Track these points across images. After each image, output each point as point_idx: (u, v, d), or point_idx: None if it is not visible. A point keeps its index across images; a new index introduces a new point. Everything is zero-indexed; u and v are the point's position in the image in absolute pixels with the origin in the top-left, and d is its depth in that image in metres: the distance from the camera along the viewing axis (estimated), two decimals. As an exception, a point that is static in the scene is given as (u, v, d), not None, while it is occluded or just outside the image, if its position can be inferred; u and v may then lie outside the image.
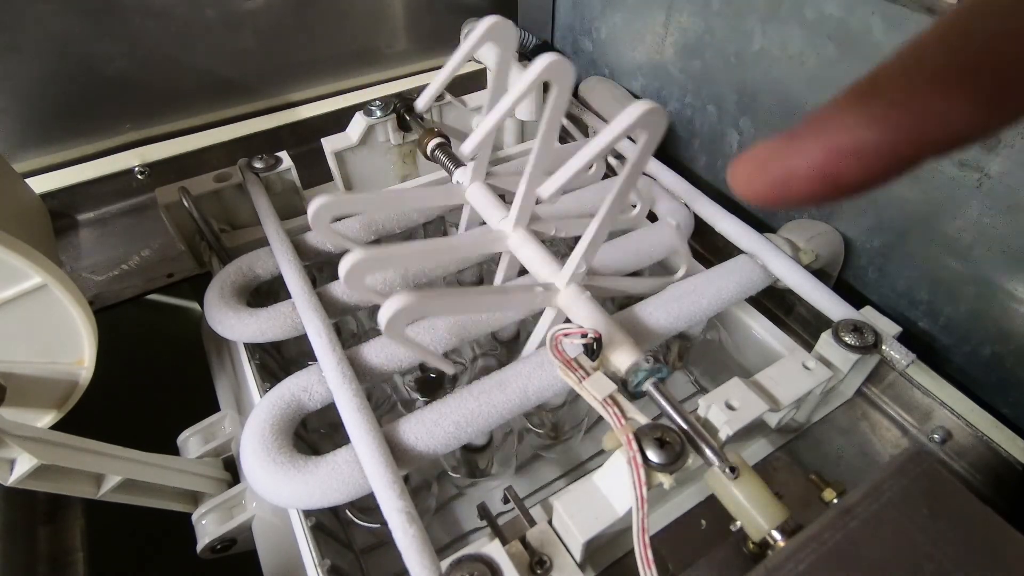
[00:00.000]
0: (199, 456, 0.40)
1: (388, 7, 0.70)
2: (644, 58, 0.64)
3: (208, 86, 0.64)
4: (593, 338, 0.32)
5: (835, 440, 0.41)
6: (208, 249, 0.47)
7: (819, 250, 0.47)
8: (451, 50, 0.37)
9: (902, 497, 0.26)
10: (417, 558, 0.27)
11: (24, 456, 0.30)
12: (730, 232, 0.47)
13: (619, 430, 0.29)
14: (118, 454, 0.34)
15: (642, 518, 0.27)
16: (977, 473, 0.39)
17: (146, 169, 0.61)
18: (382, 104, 0.53)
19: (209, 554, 0.37)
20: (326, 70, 0.70)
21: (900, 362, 0.39)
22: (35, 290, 0.32)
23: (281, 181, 0.50)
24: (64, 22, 0.54)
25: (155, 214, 0.59)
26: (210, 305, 0.41)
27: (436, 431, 0.33)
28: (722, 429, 0.33)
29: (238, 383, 0.44)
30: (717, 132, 0.58)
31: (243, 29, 0.63)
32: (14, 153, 0.58)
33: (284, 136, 0.67)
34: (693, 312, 0.40)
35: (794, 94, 0.49)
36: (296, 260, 0.42)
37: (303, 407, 0.35)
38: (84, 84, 0.58)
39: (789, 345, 0.43)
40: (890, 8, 0.40)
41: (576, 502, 0.30)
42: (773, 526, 0.27)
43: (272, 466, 0.32)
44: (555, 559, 0.29)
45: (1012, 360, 0.42)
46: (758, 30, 0.50)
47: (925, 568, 0.24)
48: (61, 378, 0.36)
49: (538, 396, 0.35)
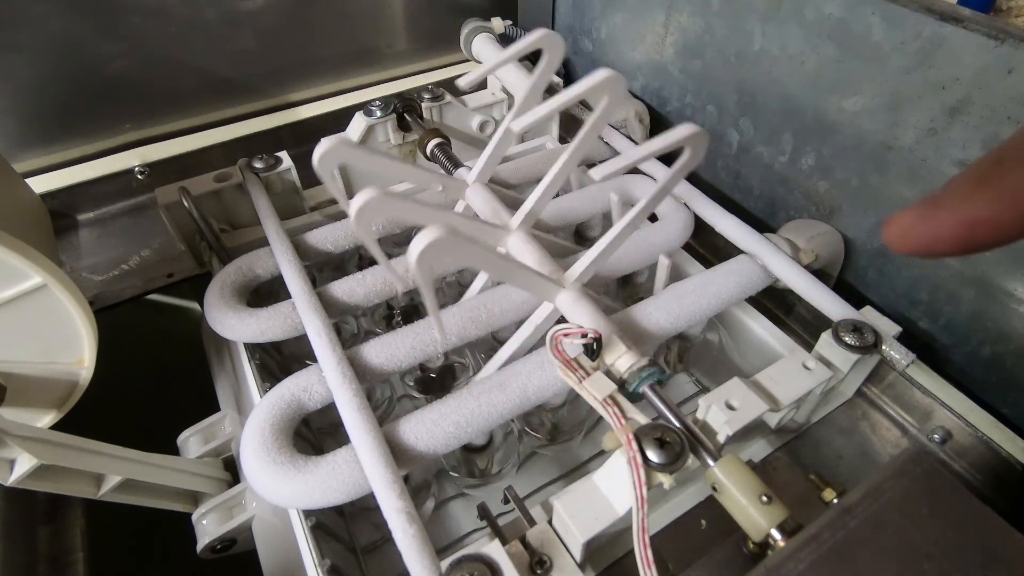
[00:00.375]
0: (199, 456, 0.40)
1: (388, 7, 0.70)
2: (644, 58, 0.64)
3: (208, 86, 0.64)
4: (593, 338, 0.32)
5: (835, 440, 0.41)
6: (208, 249, 0.47)
7: (819, 250, 0.47)
8: (451, 50, 0.37)
9: (902, 497, 0.26)
10: (417, 558, 0.27)
11: (24, 456, 0.30)
12: (730, 232, 0.47)
13: (619, 430, 0.29)
14: (118, 454, 0.34)
15: (642, 518, 0.27)
16: (977, 473, 0.39)
17: (146, 169, 0.61)
18: (382, 104, 0.53)
19: (209, 554, 0.37)
20: (326, 70, 0.70)
21: (900, 362, 0.38)
22: (35, 290, 0.32)
23: (281, 181, 0.50)
24: (64, 22, 0.54)
25: (155, 214, 0.59)
26: (210, 305, 0.41)
27: (436, 431, 0.33)
28: (722, 429, 0.33)
29: (238, 383, 0.44)
30: (717, 132, 0.58)
31: (243, 29, 0.63)
32: (14, 153, 0.58)
33: (284, 136, 0.67)
34: (693, 312, 0.40)
35: (794, 94, 0.49)
36: (296, 260, 0.42)
37: (303, 407, 0.35)
38: (84, 84, 0.58)
39: (789, 345, 0.43)
40: (890, 8, 0.40)
41: (576, 502, 0.30)
42: (773, 526, 0.27)
43: (272, 466, 0.32)
44: (555, 559, 0.29)
45: (1012, 360, 0.42)
46: (758, 30, 0.50)
47: (925, 568, 0.24)
48: (61, 378, 0.36)
49: (538, 396, 0.36)
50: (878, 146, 0.44)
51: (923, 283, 0.46)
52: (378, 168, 0.35)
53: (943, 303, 0.45)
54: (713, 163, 0.60)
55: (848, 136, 0.46)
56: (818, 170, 0.50)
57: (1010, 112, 0.36)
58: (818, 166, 0.50)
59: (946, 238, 0.14)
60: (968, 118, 0.38)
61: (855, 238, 0.49)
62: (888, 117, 0.43)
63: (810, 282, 0.43)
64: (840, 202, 0.49)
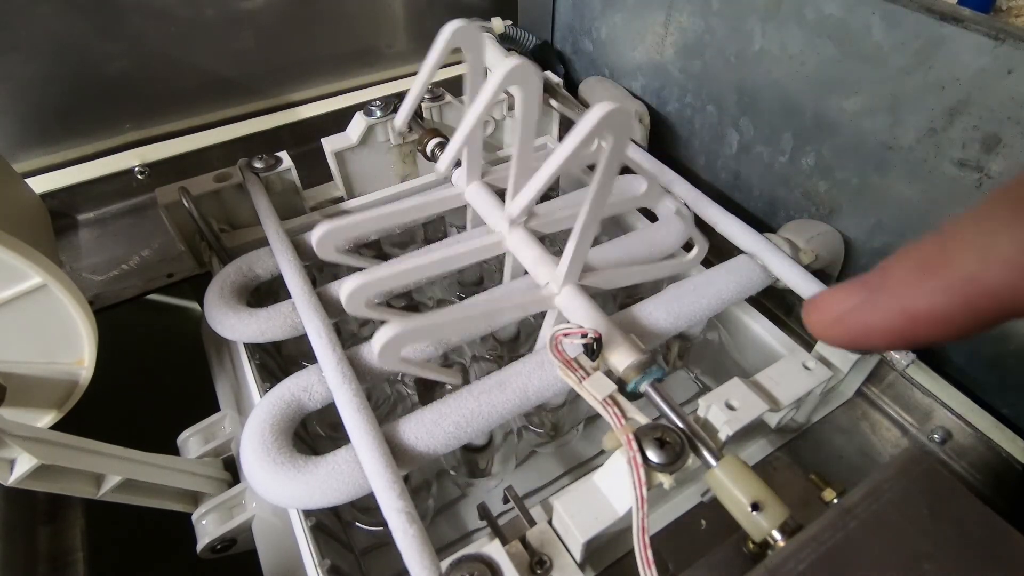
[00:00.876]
0: (199, 456, 0.40)
1: (388, 7, 0.70)
2: (644, 58, 0.64)
3: (208, 86, 0.64)
4: (593, 338, 0.32)
5: (835, 440, 0.41)
6: (208, 249, 0.47)
7: (819, 250, 0.47)
8: (451, 50, 0.37)
9: (902, 497, 0.26)
10: (417, 558, 0.27)
11: (24, 456, 0.30)
12: (730, 232, 0.47)
13: (619, 430, 0.29)
14: (118, 454, 0.34)
15: (642, 518, 0.27)
16: (977, 473, 0.39)
17: (146, 169, 0.61)
18: (382, 104, 0.53)
19: (209, 554, 0.37)
20: (326, 70, 0.70)
21: (900, 362, 0.39)
22: (35, 290, 0.32)
23: (281, 181, 0.50)
24: (64, 22, 0.54)
25: (155, 214, 0.59)
26: (210, 305, 0.41)
27: (436, 431, 0.33)
28: (722, 429, 0.33)
29: (238, 383, 0.44)
30: (717, 132, 0.58)
31: (243, 29, 0.63)
32: (14, 153, 0.58)
33: (284, 136, 0.67)
34: (693, 312, 0.40)
35: (794, 94, 0.49)
36: (296, 260, 0.42)
37: (303, 407, 0.35)
38: (84, 84, 0.58)
39: (789, 345, 0.43)
40: (890, 8, 0.40)
41: (576, 502, 0.30)
42: (773, 526, 0.27)
43: (272, 466, 0.32)
44: (555, 559, 0.29)
45: (1012, 360, 0.42)
46: (758, 30, 0.50)
47: (925, 568, 0.24)
48: (61, 378, 0.36)
49: (538, 396, 0.35)
50: (878, 146, 0.44)
51: (923, 283, 0.46)
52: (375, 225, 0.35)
53: (943, 303, 0.45)
54: (713, 163, 0.60)
55: (848, 136, 0.46)
56: (818, 170, 0.50)
57: (1010, 112, 0.36)
58: (818, 166, 0.50)
59: (880, 330, 0.12)
60: (968, 118, 0.38)
61: (855, 238, 0.49)
62: (888, 117, 0.43)
63: (810, 282, 0.43)
64: (840, 202, 0.49)
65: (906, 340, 0.12)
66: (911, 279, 0.12)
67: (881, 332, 0.12)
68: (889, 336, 0.12)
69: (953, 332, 0.11)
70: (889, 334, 0.12)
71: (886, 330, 0.12)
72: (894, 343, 0.12)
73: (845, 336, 0.13)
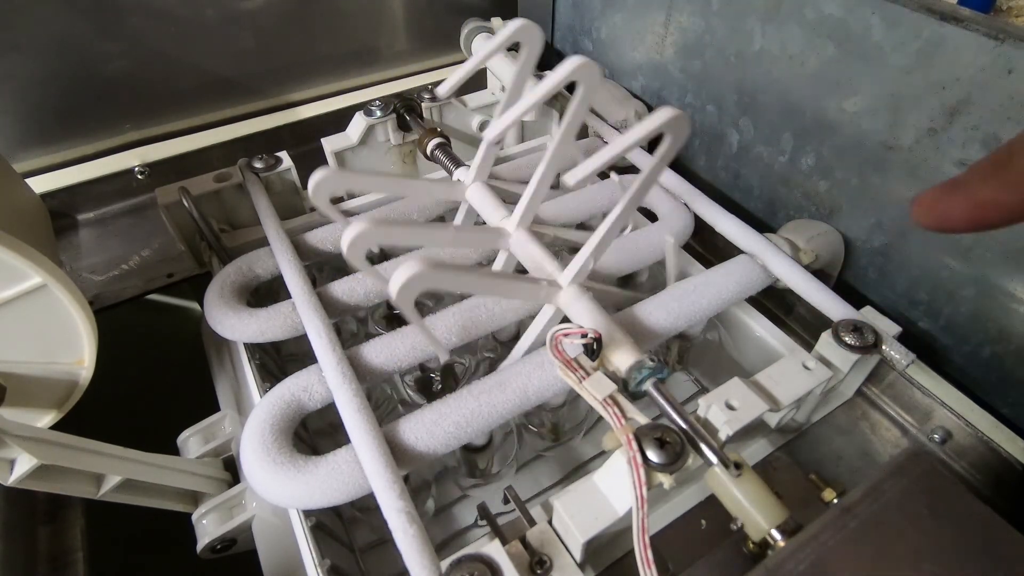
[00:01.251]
0: (199, 456, 0.40)
1: (388, 7, 0.70)
2: (644, 58, 0.64)
3: (208, 86, 0.64)
4: (593, 338, 0.32)
5: (835, 440, 0.41)
6: (208, 249, 0.47)
7: (819, 250, 0.47)
8: (451, 50, 0.37)
9: (902, 497, 0.26)
10: (417, 558, 0.27)
11: (24, 456, 0.30)
12: (730, 232, 0.47)
13: (619, 430, 0.29)
14: (118, 454, 0.34)
15: (642, 518, 0.27)
16: (977, 473, 0.39)
17: (146, 169, 0.61)
18: (382, 104, 0.53)
19: (209, 554, 0.37)
20: (326, 70, 0.70)
21: (900, 362, 0.38)
22: (35, 290, 0.32)
23: (281, 181, 0.50)
24: (64, 22, 0.54)
25: (155, 214, 0.59)
26: (210, 305, 0.41)
27: (436, 431, 0.33)
28: (722, 429, 0.33)
29: (238, 383, 0.44)
30: (717, 132, 0.58)
31: (243, 29, 0.63)
32: (14, 153, 0.58)
33: (284, 136, 0.67)
34: (693, 312, 0.40)
35: (794, 94, 0.49)
36: (296, 260, 0.42)
37: (303, 407, 0.35)
38: (84, 84, 0.58)
39: (789, 345, 0.43)
40: (890, 8, 0.40)
41: (576, 502, 0.30)
42: (773, 526, 0.27)
43: (272, 466, 0.32)
44: (555, 559, 0.29)
45: (1012, 360, 0.42)
46: (758, 30, 0.50)
47: (925, 568, 0.24)
48: (61, 378, 0.36)
49: (538, 396, 0.35)
50: (878, 146, 0.44)
51: (923, 283, 0.46)
52: (374, 187, 0.36)
53: (943, 303, 0.45)
54: (713, 163, 0.60)
55: (848, 136, 0.46)
56: (818, 170, 0.50)
57: (1010, 112, 0.36)
58: (818, 166, 0.50)
59: (956, 216, 0.16)
60: (968, 118, 0.38)
61: (855, 238, 0.49)
62: (888, 117, 0.43)
63: (810, 282, 0.43)
64: (840, 202, 0.49)
65: (977, 224, 0.16)
66: (983, 176, 0.15)
67: (958, 218, 0.16)
68: (964, 221, 0.16)
69: (1012, 217, 0.15)
70: (965, 220, 0.16)
71: (961, 217, 0.16)
72: (970, 227, 0.16)
73: (934, 221, 0.16)
